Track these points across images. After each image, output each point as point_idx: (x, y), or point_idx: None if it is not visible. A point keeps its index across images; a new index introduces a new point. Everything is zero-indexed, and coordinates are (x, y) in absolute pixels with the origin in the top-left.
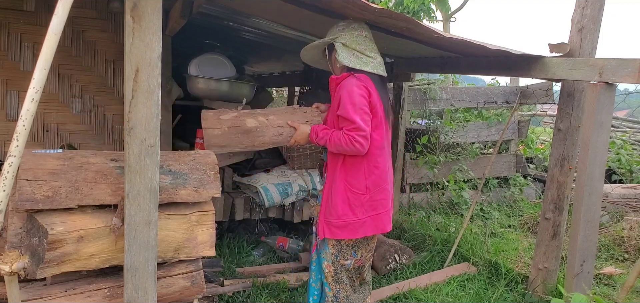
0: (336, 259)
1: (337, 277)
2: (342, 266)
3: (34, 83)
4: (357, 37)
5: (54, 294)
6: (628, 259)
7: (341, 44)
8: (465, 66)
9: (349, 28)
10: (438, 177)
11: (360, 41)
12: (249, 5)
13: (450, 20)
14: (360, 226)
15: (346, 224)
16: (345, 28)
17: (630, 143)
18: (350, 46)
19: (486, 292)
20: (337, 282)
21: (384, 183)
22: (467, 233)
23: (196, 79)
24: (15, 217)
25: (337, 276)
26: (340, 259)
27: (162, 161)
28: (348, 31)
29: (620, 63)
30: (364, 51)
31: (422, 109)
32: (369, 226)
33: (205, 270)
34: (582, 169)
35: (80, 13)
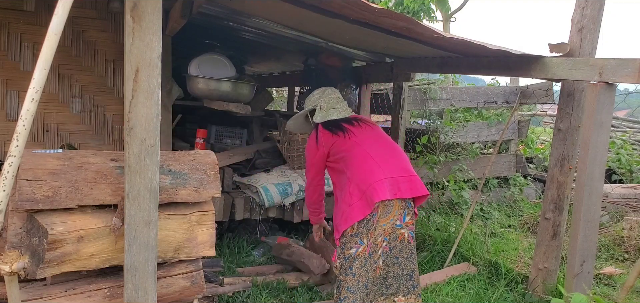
0: (342, 251)
1: (342, 269)
2: (347, 256)
3: (34, 83)
4: (331, 100)
5: (54, 294)
6: (628, 259)
7: (319, 107)
8: (465, 66)
9: (324, 95)
10: (438, 177)
11: (332, 102)
12: (249, 5)
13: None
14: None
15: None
16: (321, 96)
17: (630, 143)
18: (324, 108)
19: (486, 292)
20: (343, 273)
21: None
22: (467, 233)
23: (196, 79)
24: (15, 217)
25: (342, 268)
26: (345, 250)
27: (162, 161)
28: (324, 97)
29: (620, 63)
30: (335, 106)
31: (422, 109)
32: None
33: (205, 270)
34: (582, 169)
35: (80, 13)
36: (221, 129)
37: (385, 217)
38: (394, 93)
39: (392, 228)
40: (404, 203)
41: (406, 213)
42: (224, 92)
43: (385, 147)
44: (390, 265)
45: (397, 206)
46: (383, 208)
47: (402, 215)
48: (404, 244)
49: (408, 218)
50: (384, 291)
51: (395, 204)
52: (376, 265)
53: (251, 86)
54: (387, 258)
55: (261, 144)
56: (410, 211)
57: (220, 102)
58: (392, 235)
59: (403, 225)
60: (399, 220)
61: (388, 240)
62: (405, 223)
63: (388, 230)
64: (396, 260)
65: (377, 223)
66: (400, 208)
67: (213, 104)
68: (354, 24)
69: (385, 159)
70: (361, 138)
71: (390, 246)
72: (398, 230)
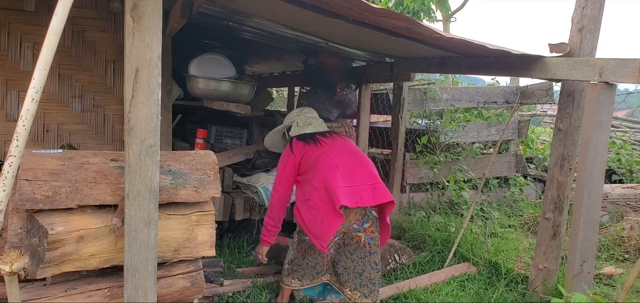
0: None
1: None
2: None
3: (34, 83)
4: (307, 117)
5: (54, 294)
6: (628, 259)
7: (296, 123)
8: (465, 66)
9: (301, 113)
10: (438, 177)
11: (308, 119)
12: (249, 5)
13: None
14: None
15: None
16: (299, 113)
17: (630, 143)
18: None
19: (486, 292)
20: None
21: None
22: (467, 233)
23: (196, 79)
24: (15, 217)
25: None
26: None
27: (162, 161)
28: (301, 114)
29: (620, 63)
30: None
31: (422, 109)
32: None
33: (205, 270)
34: (582, 169)
35: (80, 13)
36: (221, 129)
37: None
38: (394, 93)
39: (348, 229)
40: (363, 211)
41: (365, 220)
42: (224, 92)
43: (352, 158)
44: (343, 257)
45: (354, 213)
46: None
47: (360, 221)
48: (359, 245)
49: (367, 225)
50: (336, 277)
51: (353, 211)
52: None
53: (251, 86)
54: (340, 249)
55: (261, 144)
56: (370, 219)
57: (220, 102)
58: (347, 234)
59: (361, 229)
60: (356, 224)
61: (341, 236)
62: (364, 228)
63: (342, 229)
64: (350, 256)
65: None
66: (358, 215)
67: (213, 104)
68: (354, 24)
69: (350, 169)
70: (330, 148)
71: (344, 241)
72: (354, 232)
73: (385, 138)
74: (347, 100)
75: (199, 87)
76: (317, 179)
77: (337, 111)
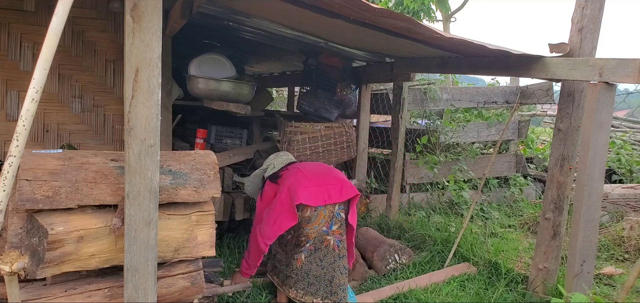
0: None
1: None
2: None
3: (34, 83)
4: (283, 160)
5: (54, 294)
6: (628, 259)
7: (272, 166)
8: (465, 66)
9: (277, 157)
10: (438, 177)
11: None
12: (249, 5)
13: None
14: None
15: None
16: (275, 158)
17: (630, 143)
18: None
19: (486, 292)
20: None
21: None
22: (467, 233)
23: (196, 79)
24: (15, 217)
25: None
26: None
27: (162, 161)
28: (278, 158)
29: (620, 63)
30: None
31: (422, 109)
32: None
33: (205, 270)
34: (582, 169)
35: (80, 13)
36: (221, 129)
37: (308, 223)
38: (394, 93)
39: (318, 233)
40: (332, 212)
41: (333, 222)
42: (224, 92)
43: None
44: (313, 265)
45: (322, 215)
46: (307, 216)
47: (328, 223)
48: (328, 250)
49: (335, 227)
50: (306, 287)
51: (321, 213)
52: (297, 256)
53: (251, 86)
54: (311, 256)
55: (261, 144)
56: (338, 221)
57: (220, 102)
58: (318, 238)
59: (330, 232)
60: (325, 227)
61: (312, 242)
62: (332, 231)
63: (313, 234)
64: (320, 262)
65: (299, 227)
66: (327, 217)
67: (213, 104)
68: (354, 24)
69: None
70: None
71: (314, 246)
72: (324, 235)
73: (385, 138)
74: (347, 100)
75: (199, 87)
76: (284, 187)
77: (337, 111)
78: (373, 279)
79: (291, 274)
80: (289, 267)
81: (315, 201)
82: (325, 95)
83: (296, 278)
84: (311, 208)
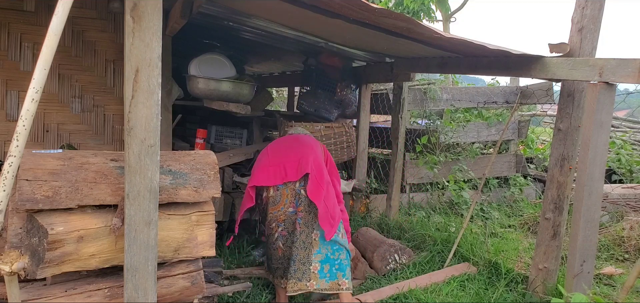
0: None
1: None
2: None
3: (34, 83)
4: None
5: (54, 294)
6: (628, 259)
7: None
8: (465, 66)
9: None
10: (438, 177)
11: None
12: (249, 5)
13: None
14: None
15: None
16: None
17: (630, 143)
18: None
19: (486, 292)
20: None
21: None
22: (467, 233)
23: (196, 79)
24: (15, 217)
25: None
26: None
27: (162, 161)
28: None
29: (620, 63)
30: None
31: (422, 109)
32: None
33: (205, 270)
34: (582, 169)
35: (80, 13)
36: (221, 129)
37: (274, 205)
38: (394, 93)
39: (286, 214)
40: (293, 190)
41: (298, 202)
42: (224, 92)
43: (290, 143)
44: (294, 250)
45: (285, 194)
46: (269, 198)
47: (293, 203)
48: (296, 232)
49: (300, 207)
50: (291, 274)
51: (283, 192)
52: (276, 246)
53: (251, 86)
54: (288, 242)
55: (261, 144)
56: (300, 198)
57: (220, 102)
58: (288, 221)
59: (296, 211)
60: (291, 207)
61: (283, 226)
62: (297, 209)
63: (281, 216)
64: (295, 247)
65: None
66: (290, 197)
67: (213, 104)
68: (354, 24)
69: (281, 151)
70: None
71: (287, 230)
72: (292, 216)
73: (385, 138)
74: (347, 100)
75: (199, 87)
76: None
77: (337, 111)
78: (373, 279)
79: (279, 266)
80: (274, 259)
81: (273, 181)
82: (325, 95)
83: (283, 268)
84: (273, 188)
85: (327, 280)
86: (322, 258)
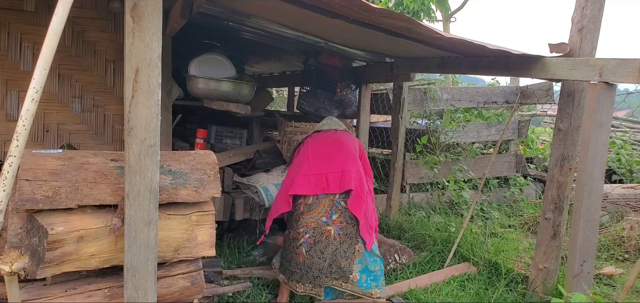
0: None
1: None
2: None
3: (34, 83)
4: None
5: (54, 294)
6: (628, 259)
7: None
8: (465, 66)
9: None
10: (438, 177)
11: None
12: (249, 5)
13: (450, 20)
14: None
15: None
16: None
17: (630, 143)
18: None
19: (486, 292)
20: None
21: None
22: (467, 233)
23: (196, 79)
24: (15, 217)
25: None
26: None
27: (162, 161)
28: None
29: (620, 63)
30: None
31: (422, 109)
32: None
33: (205, 270)
34: (582, 169)
35: (80, 13)
36: (221, 129)
37: (309, 212)
38: (394, 93)
39: (318, 223)
40: (332, 201)
41: (333, 211)
42: (224, 92)
43: (329, 148)
44: (315, 258)
45: (322, 203)
46: (306, 204)
47: (328, 213)
48: (329, 240)
49: (335, 217)
50: (312, 280)
51: (322, 201)
52: (298, 251)
53: (251, 86)
54: (312, 250)
55: (261, 144)
56: (338, 209)
57: (220, 102)
58: (317, 229)
59: (329, 222)
60: (325, 217)
61: (311, 233)
62: (332, 221)
63: (312, 224)
64: (321, 255)
65: (300, 216)
66: (326, 206)
67: (213, 104)
68: (354, 24)
69: (322, 158)
70: (314, 140)
71: (314, 239)
72: (324, 226)
73: (385, 138)
74: (347, 100)
75: (199, 87)
76: (291, 169)
77: (337, 111)
78: None
79: (296, 270)
80: (293, 263)
81: (313, 191)
82: (325, 95)
83: (301, 273)
84: (313, 196)
85: (363, 288)
86: (362, 268)
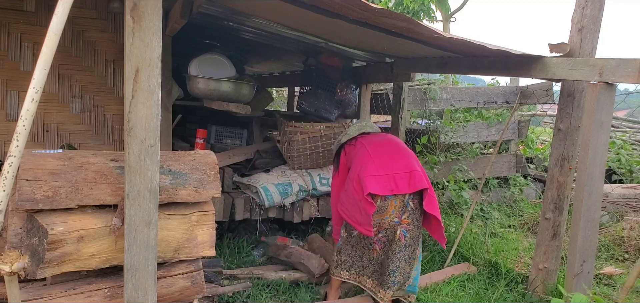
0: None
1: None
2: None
3: (34, 83)
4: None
5: (54, 294)
6: (628, 259)
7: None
8: (465, 66)
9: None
10: (438, 177)
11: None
12: (249, 5)
13: (450, 20)
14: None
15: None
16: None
17: (630, 143)
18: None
19: (486, 292)
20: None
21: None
22: (467, 233)
23: (196, 79)
24: (15, 217)
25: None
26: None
27: (162, 161)
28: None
29: (620, 63)
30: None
31: (422, 109)
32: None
33: (205, 270)
34: (582, 169)
35: (80, 13)
36: (221, 129)
37: (380, 213)
38: (394, 93)
39: (390, 224)
40: (402, 202)
41: (403, 212)
42: (224, 92)
43: (390, 148)
44: (387, 258)
45: (393, 205)
46: (378, 206)
47: (400, 214)
48: (400, 243)
49: (405, 217)
50: (378, 277)
51: (391, 203)
52: (373, 247)
53: (251, 86)
54: (386, 248)
55: (261, 144)
56: (407, 210)
57: (220, 102)
58: (390, 230)
59: (401, 221)
60: (397, 217)
61: (384, 233)
62: (402, 220)
63: (385, 225)
64: (394, 256)
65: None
66: (397, 207)
67: (213, 104)
68: (354, 24)
69: (386, 158)
70: (369, 142)
71: (387, 238)
72: (396, 226)
73: None
74: (347, 100)
75: (199, 87)
76: (353, 171)
77: (337, 111)
78: None
79: (368, 264)
80: (368, 260)
81: (382, 191)
82: (325, 95)
83: (373, 268)
84: (381, 198)
85: (407, 291)
86: (416, 275)
